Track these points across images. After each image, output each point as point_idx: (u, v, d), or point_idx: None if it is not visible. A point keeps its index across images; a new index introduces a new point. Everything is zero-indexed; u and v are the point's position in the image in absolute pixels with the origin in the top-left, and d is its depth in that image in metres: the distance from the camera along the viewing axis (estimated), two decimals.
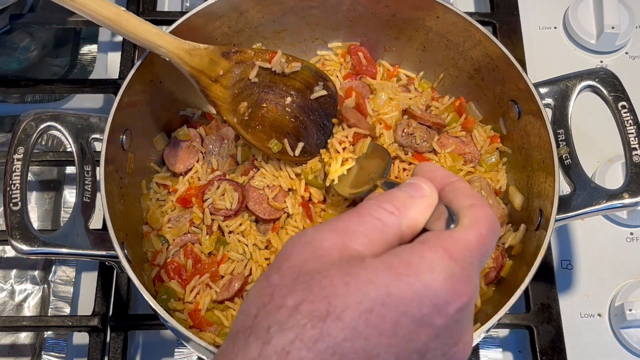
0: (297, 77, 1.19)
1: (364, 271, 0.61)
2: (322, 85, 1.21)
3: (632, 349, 1.26)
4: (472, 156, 1.26)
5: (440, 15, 1.23)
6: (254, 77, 1.15)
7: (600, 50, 1.55)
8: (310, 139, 1.21)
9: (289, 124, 1.20)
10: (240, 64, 1.14)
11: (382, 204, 0.67)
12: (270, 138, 1.18)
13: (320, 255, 0.62)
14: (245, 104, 1.15)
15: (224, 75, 1.13)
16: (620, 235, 1.38)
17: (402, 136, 1.25)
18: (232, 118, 1.14)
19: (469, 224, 0.67)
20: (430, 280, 0.61)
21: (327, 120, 1.23)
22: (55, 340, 1.29)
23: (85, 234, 1.07)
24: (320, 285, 0.60)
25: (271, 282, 0.62)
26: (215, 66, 1.12)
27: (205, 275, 1.15)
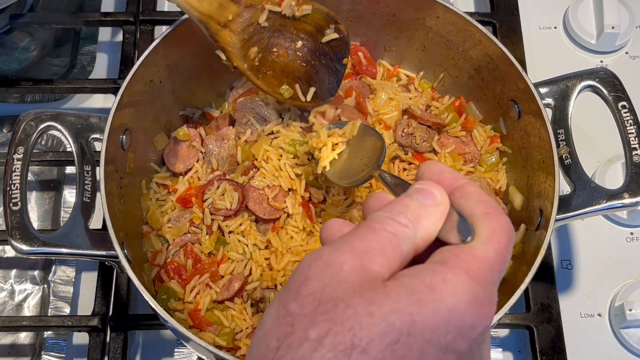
0: (307, 20, 1.15)
1: (388, 299, 0.59)
2: (333, 28, 1.17)
3: (632, 349, 1.26)
4: (472, 156, 1.26)
5: (440, 15, 1.23)
6: (263, 21, 1.11)
7: (600, 50, 1.55)
8: (321, 83, 1.19)
9: (300, 68, 1.17)
10: (250, 7, 1.10)
11: (395, 217, 0.65)
12: (281, 83, 1.16)
13: (341, 280, 0.60)
14: (255, 49, 1.12)
15: (233, 20, 1.09)
16: (620, 235, 1.38)
17: (402, 136, 1.25)
18: (242, 64, 1.12)
19: (487, 237, 0.65)
20: (454, 306, 0.59)
21: (338, 64, 1.20)
22: (55, 340, 1.29)
23: (85, 234, 1.07)
24: (344, 315, 0.57)
25: (290, 310, 0.59)
26: (224, 11, 1.08)
27: (205, 275, 1.15)
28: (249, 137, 1.24)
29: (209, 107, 1.34)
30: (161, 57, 1.18)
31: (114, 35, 1.57)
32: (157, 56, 1.17)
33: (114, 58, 1.54)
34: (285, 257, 1.15)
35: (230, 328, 1.12)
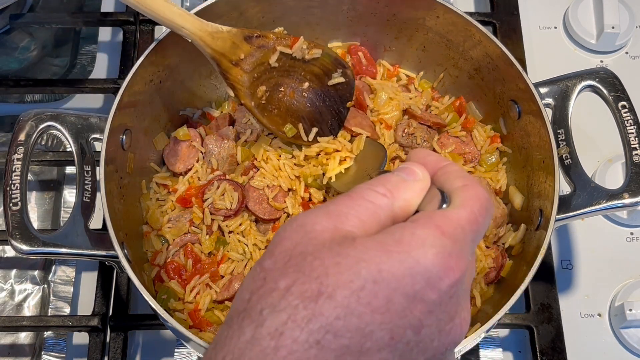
0: (316, 63, 1.18)
1: (355, 250, 0.61)
2: (340, 72, 1.20)
3: (632, 349, 1.26)
4: (472, 156, 1.26)
5: (440, 15, 1.23)
6: (274, 62, 1.15)
7: (601, 50, 1.55)
8: (324, 124, 1.21)
9: (304, 108, 1.20)
10: (262, 48, 1.14)
11: (374, 187, 0.68)
12: (285, 122, 1.18)
13: (312, 238, 0.63)
14: (263, 87, 1.15)
15: (244, 59, 1.13)
16: (620, 235, 1.38)
17: (403, 136, 1.25)
18: (249, 101, 1.14)
19: (461, 202, 0.67)
20: (421, 256, 0.61)
21: (342, 107, 1.22)
22: (55, 340, 1.29)
23: (85, 234, 1.07)
24: (312, 266, 0.60)
25: (264, 266, 0.63)
26: (236, 49, 1.12)
27: (205, 275, 1.15)
28: (249, 137, 1.24)
29: (209, 107, 1.34)
30: (161, 57, 1.18)
31: (114, 35, 1.57)
32: (157, 56, 1.17)
33: (114, 58, 1.54)
34: None
35: None
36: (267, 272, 0.62)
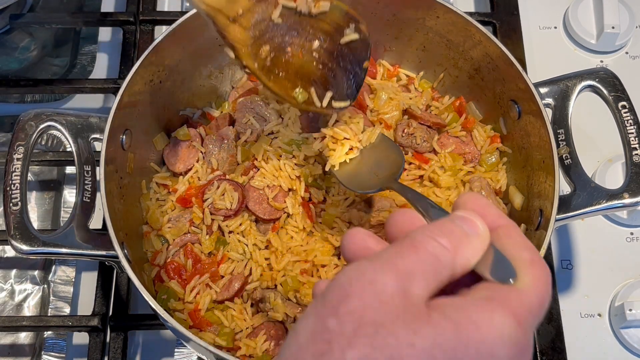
0: (325, 18, 1.05)
1: (430, 330, 0.57)
2: (353, 28, 1.06)
3: (632, 349, 1.26)
4: (472, 156, 1.26)
5: (440, 15, 1.23)
6: (276, 18, 1.02)
7: (600, 50, 1.55)
8: (339, 88, 1.08)
9: (316, 71, 1.07)
10: (262, 2, 1.01)
11: (437, 237, 0.64)
12: (295, 86, 1.05)
13: (384, 303, 0.58)
14: (267, 47, 1.02)
15: (243, 14, 1.00)
16: (620, 235, 1.38)
17: (403, 136, 1.25)
18: (252, 63, 1.01)
19: (532, 283, 0.64)
20: (498, 348, 0.59)
21: (358, 67, 1.09)
22: (55, 340, 1.29)
23: (85, 234, 1.07)
24: (385, 342, 0.56)
25: (328, 327, 0.57)
26: (233, 4, 0.99)
27: (205, 275, 1.15)
28: (249, 137, 1.24)
29: (209, 107, 1.34)
30: (161, 57, 1.18)
31: (114, 35, 1.57)
32: (157, 56, 1.17)
33: (114, 58, 1.54)
34: (285, 257, 1.15)
35: (230, 328, 1.12)
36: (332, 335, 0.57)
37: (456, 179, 1.23)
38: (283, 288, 1.14)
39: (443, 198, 1.21)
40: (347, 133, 1.13)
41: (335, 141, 1.14)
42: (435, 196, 1.21)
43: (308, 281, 1.14)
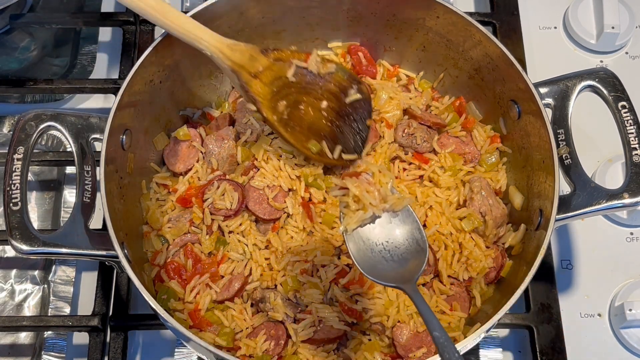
0: (332, 80, 1.20)
1: None
2: (356, 89, 1.21)
3: (632, 349, 1.26)
4: (472, 156, 1.26)
5: (440, 15, 1.23)
6: (291, 76, 1.16)
7: (600, 50, 1.55)
8: (347, 142, 1.21)
9: (325, 127, 1.20)
10: (278, 61, 1.16)
11: None
12: (308, 139, 1.18)
13: None
14: (284, 102, 1.16)
15: (263, 71, 1.14)
16: (620, 235, 1.38)
17: (403, 136, 1.25)
18: (272, 115, 1.15)
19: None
20: None
21: (361, 125, 1.22)
22: (55, 340, 1.29)
23: (85, 234, 1.07)
24: None
25: None
26: (255, 62, 1.14)
27: (205, 275, 1.15)
28: (249, 137, 1.24)
29: (209, 107, 1.34)
30: (161, 57, 1.18)
31: (114, 35, 1.58)
32: (157, 56, 1.17)
33: (114, 58, 1.54)
34: (285, 257, 1.15)
35: (230, 328, 1.12)
36: None
37: (456, 179, 1.23)
38: (283, 288, 1.14)
39: (443, 198, 1.21)
40: (374, 198, 1.02)
41: (357, 200, 1.03)
42: (435, 196, 1.21)
43: (308, 281, 1.14)
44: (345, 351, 1.12)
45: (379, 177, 1.04)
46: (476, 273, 1.16)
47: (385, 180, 1.04)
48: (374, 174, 1.05)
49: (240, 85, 1.13)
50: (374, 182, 1.04)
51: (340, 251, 1.17)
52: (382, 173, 1.05)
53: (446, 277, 1.16)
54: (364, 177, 1.04)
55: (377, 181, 1.04)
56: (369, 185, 1.03)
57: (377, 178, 1.04)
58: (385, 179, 1.04)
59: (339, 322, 1.11)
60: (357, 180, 1.04)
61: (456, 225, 1.18)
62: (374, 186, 1.03)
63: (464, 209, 1.19)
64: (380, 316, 1.12)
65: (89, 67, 1.61)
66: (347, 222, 1.02)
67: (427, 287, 1.16)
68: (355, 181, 1.04)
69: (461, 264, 1.17)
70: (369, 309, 1.12)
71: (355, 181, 1.04)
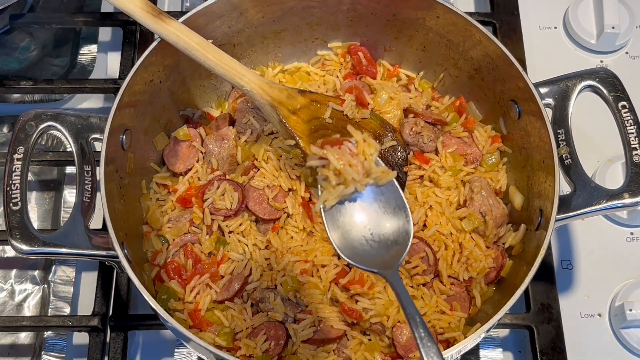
0: (366, 126, 1.21)
1: None
2: (390, 136, 1.22)
3: (632, 349, 1.26)
4: (474, 157, 1.26)
5: (440, 15, 1.23)
6: (327, 117, 1.17)
7: (601, 50, 1.55)
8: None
9: None
10: (315, 102, 1.18)
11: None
12: None
13: None
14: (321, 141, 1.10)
15: (301, 109, 1.16)
16: (620, 235, 1.38)
17: (410, 134, 1.25)
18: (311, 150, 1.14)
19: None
20: None
21: (399, 172, 1.21)
22: (55, 340, 1.29)
23: (85, 234, 1.07)
24: None
25: None
26: (292, 100, 1.16)
27: (205, 275, 1.15)
28: (249, 137, 1.24)
29: (209, 107, 1.34)
30: (161, 57, 1.18)
31: (114, 35, 1.57)
32: (157, 56, 1.17)
33: (114, 58, 1.54)
34: (285, 257, 1.15)
35: (230, 328, 1.12)
36: None
37: (456, 179, 1.23)
38: (283, 288, 1.14)
39: (443, 198, 1.21)
40: (357, 173, 0.92)
41: (338, 174, 0.92)
42: (435, 196, 1.21)
43: (308, 281, 1.14)
44: (345, 351, 1.12)
45: (363, 147, 0.93)
46: (476, 273, 1.16)
47: (370, 152, 0.92)
48: (358, 143, 0.93)
49: (279, 120, 1.13)
50: (358, 152, 0.92)
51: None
52: (367, 142, 0.93)
53: (446, 277, 1.16)
54: (346, 147, 0.92)
55: (360, 152, 0.92)
56: (352, 158, 0.91)
57: (361, 148, 0.92)
58: (370, 149, 0.92)
59: (339, 322, 1.11)
60: (339, 150, 0.91)
61: (456, 225, 1.18)
62: (357, 158, 0.91)
63: (464, 209, 1.19)
64: (380, 316, 1.11)
65: (89, 67, 1.61)
66: (326, 198, 0.92)
67: (427, 287, 1.16)
68: (337, 151, 0.91)
69: (461, 264, 1.17)
70: (369, 309, 1.12)
71: (337, 151, 0.91)
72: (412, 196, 1.22)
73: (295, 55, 1.37)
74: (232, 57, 1.13)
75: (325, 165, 0.92)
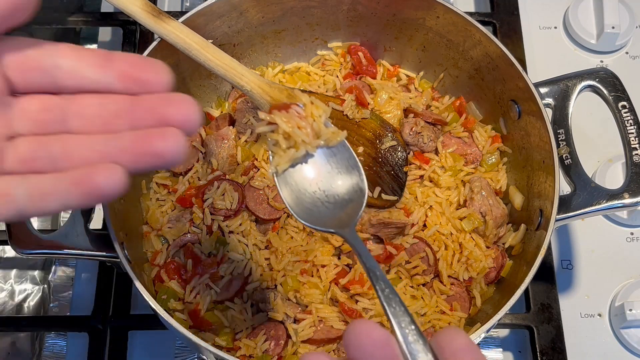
0: (366, 126, 1.22)
1: None
2: (390, 136, 1.23)
3: (632, 349, 1.26)
4: (474, 157, 1.26)
5: (441, 15, 1.23)
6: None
7: (601, 50, 1.55)
8: (385, 186, 1.21)
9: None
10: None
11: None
12: None
13: None
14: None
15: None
16: (620, 235, 1.38)
17: (410, 134, 1.25)
18: None
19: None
20: None
21: (399, 172, 1.23)
22: (55, 340, 1.29)
23: (85, 234, 1.07)
24: None
25: None
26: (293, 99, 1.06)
27: (205, 275, 1.15)
28: (249, 137, 1.24)
29: (209, 107, 1.34)
30: (161, 57, 1.16)
31: (114, 35, 1.57)
32: (157, 56, 1.17)
33: None
34: (285, 257, 1.15)
35: (230, 328, 1.12)
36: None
37: (456, 179, 1.23)
38: (283, 288, 1.14)
39: (443, 198, 1.21)
40: (307, 135, 0.89)
41: (288, 137, 0.89)
42: (435, 196, 1.21)
43: (308, 281, 1.14)
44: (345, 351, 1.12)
45: (311, 109, 0.91)
46: (476, 273, 1.16)
47: (318, 113, 0.91)
48: (306, 106, 0.92)
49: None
50: (306, 115, 0.91)
51: (341, 251, 1.18)
52: (315, 105, 0.91)
53: (446, 277, 1.16)
54: (294, 110, 0.91)
55: (309, 114, 0.90)
56: (300, 120, 0.89)
57: (309, 110, 0.90)
58: (318, 111, 0.91)
59: (339, 322, 1.11)
60: (287, 114, 0.90)
61: (456, 225, 1.18)
62: (305, 120, 0.90)
63: (464, 209, 1.19)
64: (380, 316, 1.12)
65: None
66: (277, 162, 0.89)
67: (427, 287, 1.16)
68: (284, 115, 0.90)
69: (461, 264, 1.17)
70: (369, 309, 1.12)
71: (284, 115, 0.90)
72: (412, 196, 1.22)
73: (295, 55, 1.37)
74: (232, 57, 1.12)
75: (274, 130, 0.90)
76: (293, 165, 0.90)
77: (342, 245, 1.17)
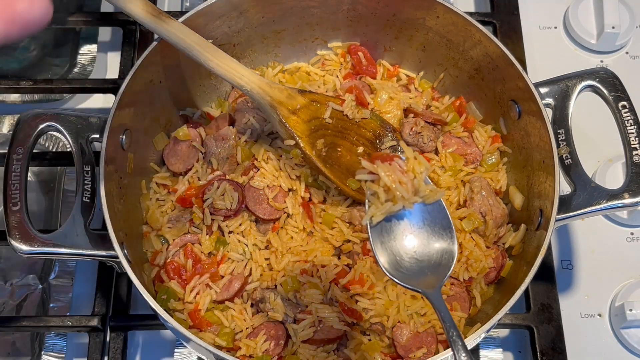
0: (366, 126, 1.22)
1: None
2: (390, 137, 1.23)
3: (632, 349, 1.26)
4: (474, 157, 1.26)
5: (441, 15, 1.23)
6: (327, 117, 1.18)
7: (601, 50, 1.55)
8: None
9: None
10: (315, 102, 1.18)
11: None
12: (347, 177, 1.17)
13: None
14: (322, 141, 1.17)
15: (300, 109, 1.16)
16: (620, 235, 1.38)
17: (410, 134, 1.25)
18: (311, 150, 1.16)
19: None
20: None
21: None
22: (55, 340, 1.29)
23: (85, 234, 1.08)
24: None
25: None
26: (292, 100, 1.16)
27: (205, 275, 1.15)
28: (249, 137, 1.24)
29: (209, 107, 1.34)
30: (161, 57, 1.18)
31: (114, 35, 1.57)
32: (157, 56, 1.17)
33: (114, 58, 1.54)
34: (285, 257, 1.15)
35: (230, 328, 1.12)
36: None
37: (456, 179, 1.23)
38: (283, 288, 1.14)
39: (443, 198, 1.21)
40: (407, 191, 0.90)
41: (387, 190, 0.91)
42: None
43: (308, 281, 1.14)
44: (345, 351, 1.12)
45: (414, 165, 0.92)
46: (476, 273, 1.16)
47: (420, 170, 0.91)
48: (408, 160, 0.92)
49: (279, 120, 1.14)
50: (408, 170, 0.91)
51: (340, 251, 1.18)
52: (418, 160, 0.92)
53: None
54: (397, 163, 0.91)
55: (410, 169, 0.91)
56: (402, 175, 0.90)
57: (411, 165, 0.91)
58: (421, 167, 0.92)
59: (339, 322, 1.11)
60: (390, 166, 0.91)
61: (456, 225, 1.18)
62: (407, 176, 0.91)
63: (464, 209, 1.19)
64: (380, 316, 1.11)
65: (89, 67, 1.60)
66: (373, 213, 0.91)
67: None
68: (387, 167, 0.90)
69: (461, 264, 1.17)
70: (369, 309, 1.12)
71: (387, 167, 0.90)
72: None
73: (295, 55, 1.37)
74: (232, 57, 1.12)
75: (374, 180, 0.91)
76: (387, 218, 0.91)
77: (342, 246, 1.17)
